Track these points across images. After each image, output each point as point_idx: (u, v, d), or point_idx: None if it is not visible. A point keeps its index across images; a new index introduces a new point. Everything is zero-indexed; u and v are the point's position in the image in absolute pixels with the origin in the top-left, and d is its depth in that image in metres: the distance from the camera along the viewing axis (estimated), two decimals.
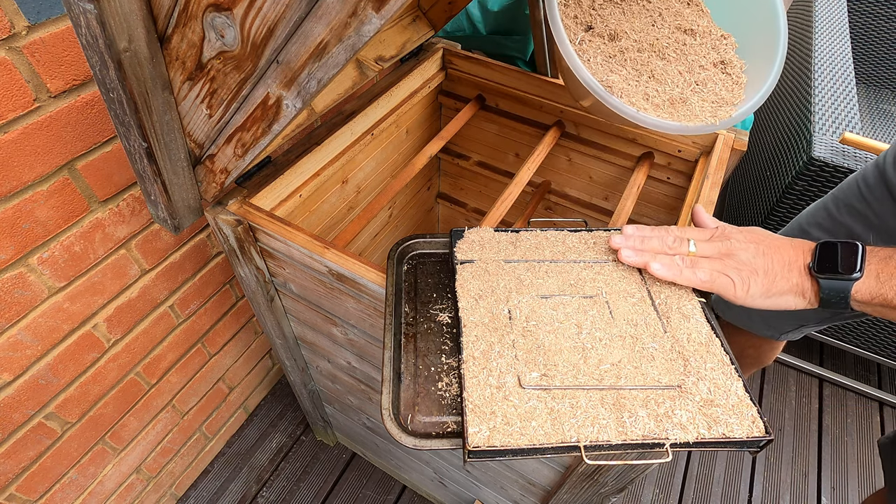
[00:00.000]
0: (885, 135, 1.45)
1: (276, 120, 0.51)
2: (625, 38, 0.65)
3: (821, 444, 1.40)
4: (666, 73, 0.65)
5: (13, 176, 0.63)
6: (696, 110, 0.63)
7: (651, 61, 0.65)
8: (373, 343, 0.75)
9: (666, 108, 0.63)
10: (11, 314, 0.71)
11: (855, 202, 0.73)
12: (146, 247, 0.85)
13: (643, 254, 0.55)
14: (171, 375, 1.03)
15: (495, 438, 0.43)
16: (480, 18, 1.39)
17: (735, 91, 0.65)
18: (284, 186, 0.79)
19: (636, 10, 0.68)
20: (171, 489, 1.20)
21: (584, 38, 0.65)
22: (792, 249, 0.51)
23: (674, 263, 0.53)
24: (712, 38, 0.67)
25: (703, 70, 0.66)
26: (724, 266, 0.51)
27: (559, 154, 1.07)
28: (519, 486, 0.82)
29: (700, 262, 0.52)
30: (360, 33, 0.41)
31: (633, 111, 0.60)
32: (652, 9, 0.68)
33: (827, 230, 0.76)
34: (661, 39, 0.66)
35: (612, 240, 0.57)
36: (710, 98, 0.64)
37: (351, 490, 1.27)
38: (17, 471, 0.82)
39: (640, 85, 0.63)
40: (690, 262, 0.53)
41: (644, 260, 0.54)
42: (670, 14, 0.68)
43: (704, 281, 0.51)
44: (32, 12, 0.57)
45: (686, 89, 0.64)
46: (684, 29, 0.67)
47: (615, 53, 0.64)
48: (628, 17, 0.67)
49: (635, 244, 0.56)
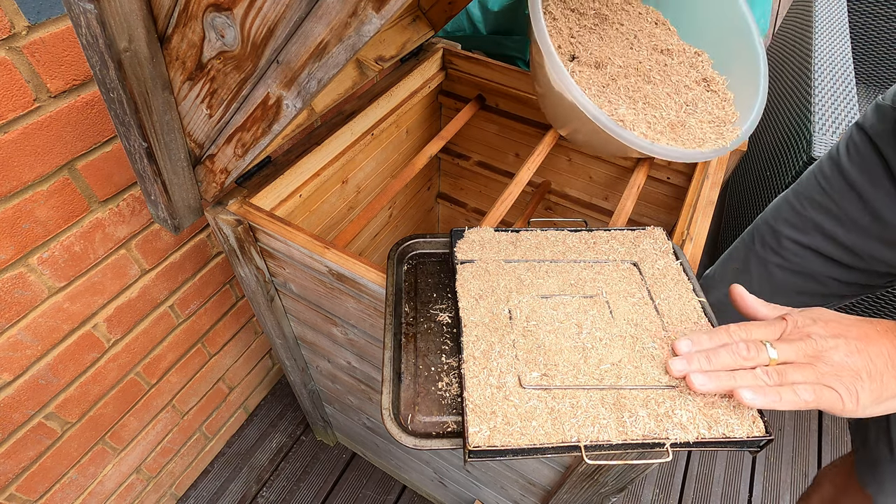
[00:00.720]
0: None
1: (276, 120, 0.51)
2: (610, 64, 0.63)
3: (821, 444, 1.40)
4: (657, 97, 0.63)
5: (13, 176, 0.63)
6: (696, 132, 0.61)
7: (640, 87, 0.63)
8: (373, 343, 0.75)
9: (668, 133, 0.61)
10: (11, 314, 0.71)
11: (816, 195, 0.73)
12: (146, 247, 0.85)
13: (719, 376, 0.44)
14: (171, 375, 1.03)
15: (495, 438, 0.43)
16: (480, 18, 1.39)
17: (726, 108, 0.64)
18: (284, 186, 0.79)
19: (612, 34, 0.66)
20: (171, 489, 1.20)
21: (574, 69, 0.63)
22: (883, 338, 0.43)
23: (764, 385, 0.43)
24: (688, 56, 0.66)
25: (689, 90, 0.64)
26: (819, 375, 0.42)
27: (559, 154, 1.07)
28: (519, 486, 0.82)
29: (789, 372, 0.43)
30: (360, 33, 0.41)
31: (648, 143, 0.58)
32: (626, 32, 0.66)
33: (795, 226, 0.76)
34: (644, 62, 0.64)
35: (672, 366, 0.46)
36: (705, 118, 0.62)
37: (351, 490, 1.27)
38: (17, 471, 0.82)
39: (638, 113, 0.61)
40: (778, 375, 0.43)
41: (724, 385, 0.44)
42: (644, 35, 0.66)
43: (809, 402, 0.42)
44: (32, 12, 0.57)
45: (679, 112, 0.63)
46: (661, 49, 0.66)
47: (607, 82, 0.62)
48: (607, 43, 0.65)
49: (702, 365, 0.45)
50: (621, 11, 0.67)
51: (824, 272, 0.74)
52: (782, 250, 0.77)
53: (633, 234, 0.62)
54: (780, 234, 0.77)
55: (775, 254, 0.78)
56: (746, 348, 0.44)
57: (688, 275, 0.58)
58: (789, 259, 0.77)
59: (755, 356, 0.44)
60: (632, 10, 0.67)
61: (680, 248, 0.64)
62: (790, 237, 0.75)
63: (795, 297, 0.79)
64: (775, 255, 0.78)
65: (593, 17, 0.66)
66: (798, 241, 0.75)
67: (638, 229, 0.62)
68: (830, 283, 0.74)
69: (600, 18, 0.66)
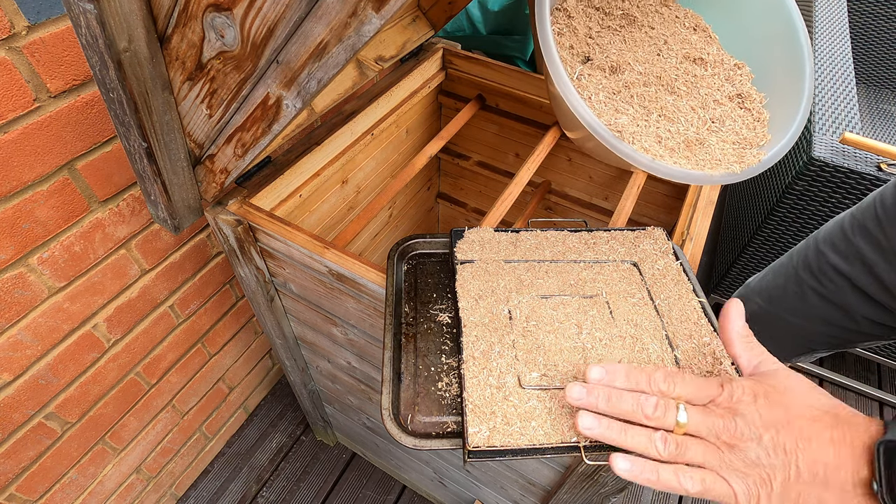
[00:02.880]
0: (885, 135, 1.45)
1: (276, 120, 0.51)
2: (628, 70, 0.56)
3: None
4: (677, 109, 0.55)
5: (13, 176, 0.63)
6: (715, 153, 0.53)
7: (660, 97, 0.56)
8: (373, 343, 0.75)
9: (681, 150, 0.54)
10: (11, 314, 0.71)
11: (869, 223, 0.68)
12: (146, 247, 0.85)
13: (610, 425, 0.39)
14: (171, 375, 1.03)
15: (495, 438, 0.43)
16: (480, 18, 1.39)
17: (757, 129, 0.55)
18: (284, 186, 0.79)
19: (638, 37, 0.59)
20: (171, 489, 1.20)
21: (584, 71, 0.56)
22: (830, 447, 0.34)
23: (655, 453, 0.37)
24: (725, 68, 0.58)
25: (719, 105, 0.56)
26: (722, 463, 0.36)
27: (559, 154, 1.07)
28: (519, 486, 0.82)
29: (689, 448, 0.37)
30: (360, 33, 0.41)
31: (648, 159, 0.51)
32: (656, 36, 0.59)
33: (840, 252, 0.71)
34: (669, 71, 0.57)
35: (569, 392, 0.41)
36: (730, 138, 0.55)
37: (351, 490, 1.27)
38: (17, 471, 0.82)
39: (650, 125, 0.54)
40: (676, 447, 0.37)
41: (610, 437, 0.38)
42: (676, 41, 0.59)
43: (692, 492, 0.36)
44: (32, 12, 0.57)
45: (702, 128, 0.55)
46: (693, 58, 0.58)
47: (619, 89, 0.56)
48: (630, 47, 0.58)
49: (599, 403, 0.39)
50: (654, 14, 0.60)
51: (857, 307, 0.70)
52: (821, 275, 0.73)
53: (633, 235, 0.62)
54: (823, 257, 0.73)
55: (813, 276, 0.74)
56: (654, 407, 0.38)
57: (688, 275, 0.58)
58: (825, 285, 0.73)
59: (660, 417, 0.38)
60: (667, 14, 0.61)
61: (680, 248, 0.64)
62: (832, 263, 0.71)
63: (823, 327, 0.75)
64: (813, 279, 0.74)
65: (620, 17, 0.59)
66: (839, 268, 0.71)
67: (638, 229, 0.62)
68: (862, 320, 0.71)
69: (628, 20, 0.59)
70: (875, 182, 1.05)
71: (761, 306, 0.83)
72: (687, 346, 0.50)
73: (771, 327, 0.83)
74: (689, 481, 0.36)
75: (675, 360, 0.49)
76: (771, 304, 0.81)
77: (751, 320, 0.88)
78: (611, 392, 0.39)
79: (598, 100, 0.54)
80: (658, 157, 0.52)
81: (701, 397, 0.39)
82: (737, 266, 1.39)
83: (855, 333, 0.73)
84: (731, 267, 1.41)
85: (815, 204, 1.15)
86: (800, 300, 0.76)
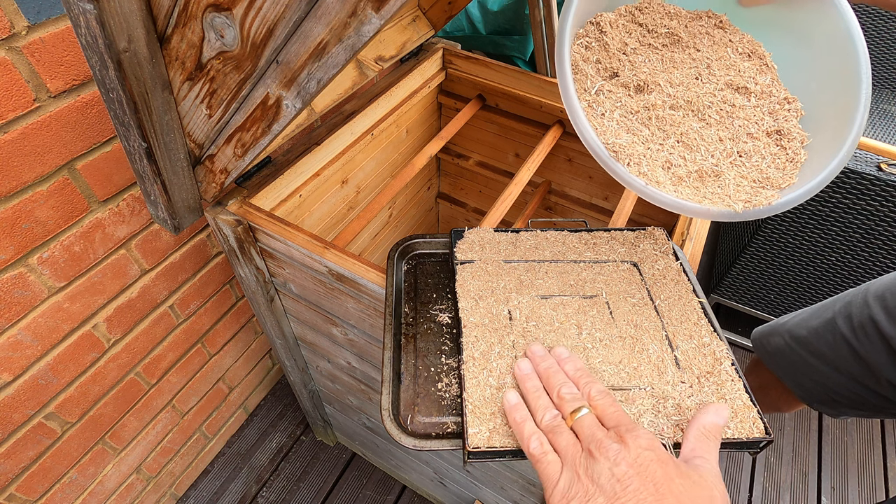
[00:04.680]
0: (886, 135, 1.45)
1: (276, 120, 0.51)
2: (657, 91, 0.53)
3: (821, 444, 1.40)
4: (701, 137, 0.52)
5: (13, 176, 0.63)
6: (728, 189, 0.50)
7: (685, 122, 0.53)
8: (373, 343, 0.75)
9: (691, 181, 0.51)
10: (11, 314, 0.71)
11: None
12: (146, 247, 0.85)
13: (534, 381, 0.45)
14: (171, 375, 1.03)
15: (495, 439, 0.43)
16: (480, 18, 1.39)
17: (787, 170, 0.51)
18: (284, 186, 0.79)
19: (679, 59, 0.55)
20: (171, 489, 1.20)
21: (604, 87, 0.53)
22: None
23: (527, 412, 0.43)
24: (771, 101, 0.54)
25: (752, 139, 0.52)
26: (572, 458, 0.38)
27: (559, 154, 1.07)
28: (519, 487, 0.82)
29: (564, 433, 0.40)
30: (359, 33, 0.41)
31: (641, 184, 0.49)
32: (700, 59, 0.55)
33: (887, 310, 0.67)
34: (704, 97, 0.53)
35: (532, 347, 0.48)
36: (751, 175, 0.51)
37: (351, 490, 1.27)
38: (16, 471, 0.82)
39: (662, 150, 0.51)
40: (555, 424, 0.41)
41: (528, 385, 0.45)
42: (721, 66, 0.55)
43: (532, 451, 0.40)
44: (32, 12, 0.57)
45: (723, 160, 0.51)
46: (736, 86, 0.54)
47: (639, 109, 0.53)
48: (667, 67, 0.54)
49: (542, 363, 0.46)
50: (704, 35, 0.56)
51: (885, 369, 0.67)
52: (860, 329, 0.69)
53: (633, 235, 0.62)
54: (867, 310, 0.69)
55: (850, 328, 0.70)
56: (569, 393, 0.42)
57: (688, 275, 0.58)
58: (860, 339, 0.69)
59: (566, 402, 0.42)
60: (718, 36, 0.56)
61: (680, 248, 0.64)
62: (876, 319, 0.67)
63: (846, 380, 0.71)
64: (850, 330, 0.70)
65: (664, 35, 0.56)
66: (881, 327, 0.67)
67: (638, 229, 0.62)
68: (887, 385, 0.67)
69: (672, 39, 0.56)
70: (875, 182, 1.05)
71: (788, 343, 0.79)
72: (687, 347, 0.50)
73: (793, 367, 0.80)
74: (536, 444, 0.40)
75: (675, 361, 0.49)
76: (798, 343, 0.76)
77: (774, 355, 0.84)
78: (554, 367, 0.45)
79: (612, 118, 0.52)
80: (656, 182, 0.49)
81: (607, 409, 0.41)
82: (737, 266, 1.39)
83: (874, 394, 0.70)
84: (731, 267, 1.41)
85: (814, 204, 1.15)
86: (829, 348, 0.73)
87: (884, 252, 1.16)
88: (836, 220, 1.15)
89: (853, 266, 1.22)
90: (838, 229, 1.17)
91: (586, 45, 0.54)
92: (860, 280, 1.25)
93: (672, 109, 0.53)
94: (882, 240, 1.14)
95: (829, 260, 1.24)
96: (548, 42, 1.00)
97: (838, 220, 1.15)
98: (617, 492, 0.34)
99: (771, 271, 1.35)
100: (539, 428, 0.41)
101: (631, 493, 0.34)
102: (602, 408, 0.41)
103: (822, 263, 1.26)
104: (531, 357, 0.47)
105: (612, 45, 0.54)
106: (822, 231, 1.19)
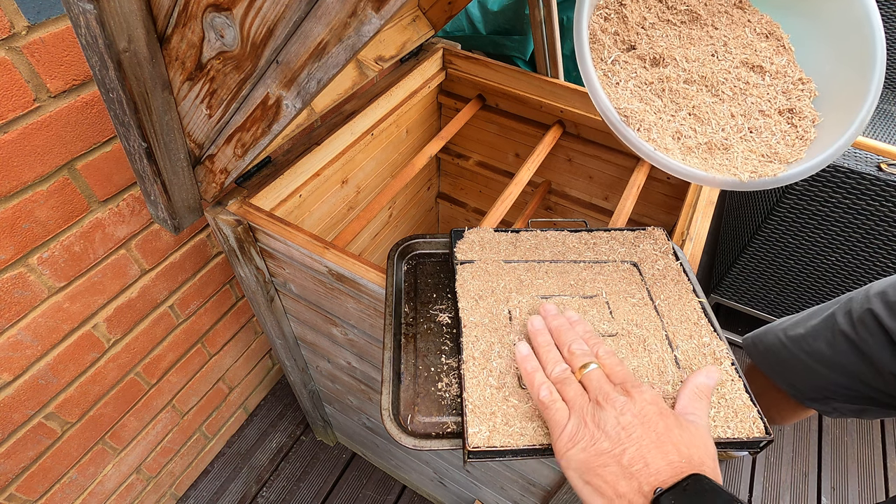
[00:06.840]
0: (886, 135, 1.45)
1: (276, 120, 0.51)
2: (672, 65, 0.54)
3: (821, 444, 1.40)
4: (713, 112, 0.53)
5: (13, 176, 0.63)
6: (737, 161, 0.51)
7: (698, 96, 0.53)
8: (373, 343, 0.75)
9: (699, 152, 0.52)
10: (11, 314, 0.71)
11: None
12: (146, 247, 0.85)
13: (546, 336, 0.47)
14: (171, 375, 1.03)
15: (495, 439, 0.43)
16: (480, 18, 1.39)
17: (796, 146, 0.52)
18: (284, 186, 0.79)
19: (696, 35, 0.56)
20: (171, 489, 1.20)
21: (620, 58, 0.54)
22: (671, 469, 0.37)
23: (537, 363, 0.45)
24: (785, 81, 0.55)
25: (764, 116, 0.53)
26: (580, 406, 0.41)
27: (559, 154, 1.07)
28: (519, 486, 0.82)
29: (573, 384, 0.43)
30: (359, 33, 0.41)
31: (650, 149, 0.50)
32: (717, 37, 0.56)
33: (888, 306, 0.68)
34: (719, 73, 0.54)
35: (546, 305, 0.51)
36: (760, 149, 0.52)
37: (351, 490, 1.27)
38: (16, 471, 0.82)
39: (673, 121, 0.52)
40: (565, 377, 0.43)
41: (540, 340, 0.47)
42: (738, 45, 0.56)
43: (542, 398, 0.42)
44: (32, 12, 0.57)
45: (733, 134, 0.52)
46: (752, 65, 0.55)
47: (653, 81, 0.54)
48: (684, 43, 0.55)
49: (554, 321, 0.48)
50: (723, 14, 0.57)
51: (889, 363, 0.67)
52: (859, 323, 0.70)
53: (633, 235, 0.62)
54: (868, 304, 0.70)
55: (850, 323, 0.71)
56: (580, 349, 0.45)
57: (688, 275, 0.58)
58: (860, 333, 0.69)
59: (576, 357, 0.44)
60: (737, 16, 0.57)
61: (680, 248, 0.64)
62: (876, 313, 0.68)
63: (844, 378, 0.72)
64: (849, 325, 0.71)
65: (683, 12, 0.57)
66: (881, 319, 0.67)
67: (638, 229, 0.62)
68: (889, 377, 0.68)
69: (690, 17, 0.57)
70: (875, 182, 1.05)
71: (781, 341, 0.79)
72: (687, 346, 0.50)
73: (784, 365, 0.80)
74: (546, 393, 0.42)
75: (675, 361, 0.49)
76: (792, 341, 0.77)
77: (768, 353, 0.83)
78: (566, 325, 0.48)
79: (626, 87, 0.53)
80: (664, 149, 0.50)
81: (613, 366, 0.43)
82: (737, 266, 1.39)
83: (877, 391, 0.70)
84: (731, 267, 1.41)
85: (815, 204, 1.15)
86: (827, 344, 0.73)
87: (884, 252, 1.16)
88: (836, 220, 1.15)
89: (853, 266, 1.22)
90: (838, 229, 1.17)
91: (605, 17, 0.56)
92: (860, 280, 1.25)
93: (686, 83, 0.54)
94: (882, 240, 1.14)
95: (829, 260, 1.24)
96: (548, 42, 1.00)
97: (838, 220, 1.15)
98: (622, 438, 0.38)
99: (771, 271, 1.35)
100: (549, 379, 0.44)
101: (634, 439, 0.38)
102: (610, 366, 0.44)
103: (822, 263, 1.26)
104: (543, 314, 0.49)
105: (631, 19, 0.56)
106: (822, 231, 1.19)
